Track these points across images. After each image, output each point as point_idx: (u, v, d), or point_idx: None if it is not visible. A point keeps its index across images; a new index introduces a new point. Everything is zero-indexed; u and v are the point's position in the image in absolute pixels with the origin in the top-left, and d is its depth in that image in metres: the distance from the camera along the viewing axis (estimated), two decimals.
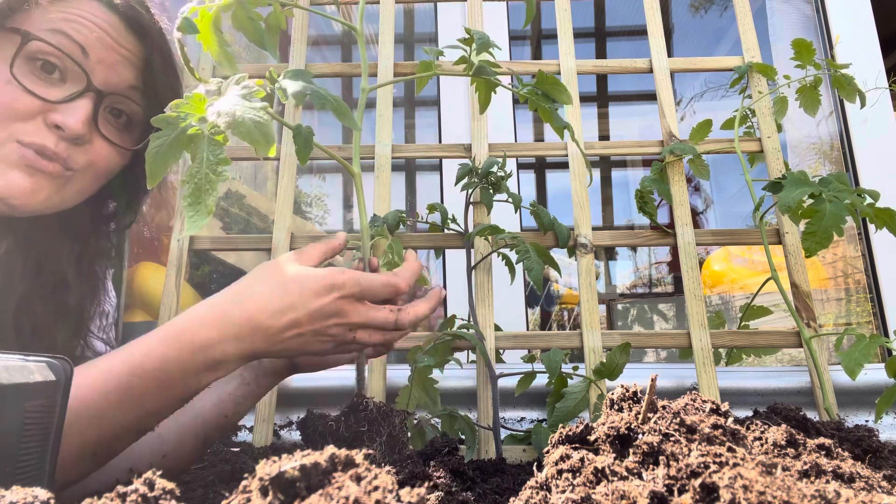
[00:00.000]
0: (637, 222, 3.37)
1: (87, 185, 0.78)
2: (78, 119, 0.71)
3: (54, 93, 0.71)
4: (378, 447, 0.63)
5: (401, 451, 0.65)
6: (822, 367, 0.96)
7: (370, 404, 0.66)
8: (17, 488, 0.35)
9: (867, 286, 1.44)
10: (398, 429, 0.66)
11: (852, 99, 1.08)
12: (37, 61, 0.71)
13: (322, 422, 0.65)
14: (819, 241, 0.84)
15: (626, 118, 3.50)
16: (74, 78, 0.73)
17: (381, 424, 0.65)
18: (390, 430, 0.65)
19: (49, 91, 0.71)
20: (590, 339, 0.99)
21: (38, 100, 0.70)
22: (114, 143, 0.77)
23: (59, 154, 0.72)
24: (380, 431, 0.64)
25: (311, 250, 0.71)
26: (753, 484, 0.33)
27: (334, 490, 0.32)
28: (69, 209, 0.80)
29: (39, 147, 0.70)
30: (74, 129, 0.71)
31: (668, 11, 2.95)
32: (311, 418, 0.66)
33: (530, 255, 0.93)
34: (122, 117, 0.79)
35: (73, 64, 0.71)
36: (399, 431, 0.66)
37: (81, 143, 0.73)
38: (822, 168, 1.80)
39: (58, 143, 0.72)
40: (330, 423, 0.64)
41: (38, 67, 0.71)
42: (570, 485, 0.41)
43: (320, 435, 0.64)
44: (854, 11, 1.56)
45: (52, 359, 0.47)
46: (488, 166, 1.01)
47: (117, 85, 0.76)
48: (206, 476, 0.75)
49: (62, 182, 0.74)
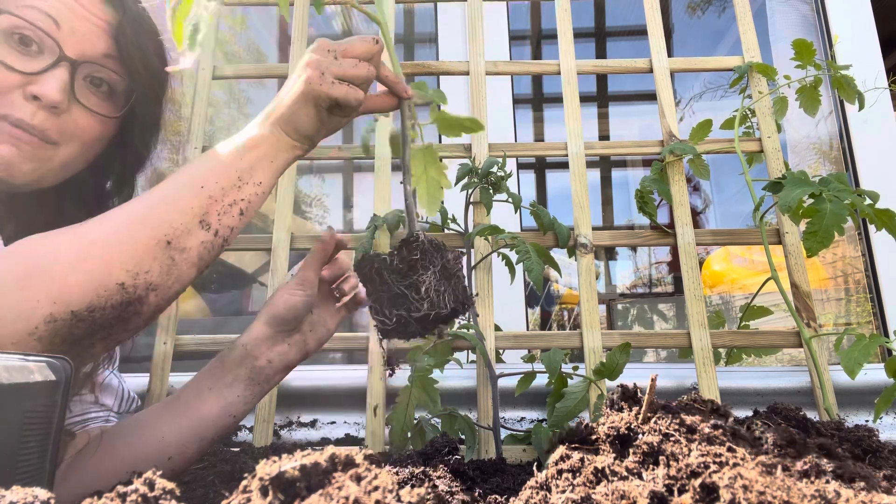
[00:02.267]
0: (637, 222, 3.37)
1: (74, 157, 0.79)
2: (54, 87, 0.73)
3: (32, 65, 0.73)
4: (433, 275, 0.64)
5: (457, 285, 0.66)
6: (822, 367, 0.96)
7: (421, 236, 0.67)
8: (17, 488, 0.35)
9: (867, 286, 1.44)
10: (452, 262, 0.67)
11: (852, 100, 1.08)
12: (13, 35, 0.72)
13: (376, 258, 0.67)
14: (820, 241, 0.84)
15: (626, 118, 3.50)
16: (50, 50, 0.74)
17: (433, 255, 0.66)
18: (444, 262, 0.66)
19: (27, 64, 0.73)
20: (590, 339, 0.99)
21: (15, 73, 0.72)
22: (93, 110, 0.78)
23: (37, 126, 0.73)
24: (433, 261, 0.65)
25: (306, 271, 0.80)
26: (753, 484, 0.33)
27: (334, 490, 0.32)
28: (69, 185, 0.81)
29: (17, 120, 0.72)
30: (51, 98, 0.73)
31: (668, 11, 2.95)
32: (366, 258, 0.68)
33: (530, 255, 0.93)
34: (103, 86, 0.80)
35: (46, 36, 0.73)
36: (452, 265, 0.67)
37: (59, 112, 0.75)
38: (821, 168, 1.80)
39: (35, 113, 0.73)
40: (384, 257, 0.66)
41: (15, 41, 0.73)
42: (570, 485, 0.41)
43: (376, 271, 0.66)
44: (854, 11, 1.56)
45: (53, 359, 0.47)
46: (488, 166, 1.01)
47: (91, 54, 0.77)
48: (206, 476, 0.75)
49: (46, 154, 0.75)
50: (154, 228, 0.62)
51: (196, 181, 0.65)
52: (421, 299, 0.63)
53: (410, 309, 0.63)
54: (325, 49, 0.69)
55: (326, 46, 0.69)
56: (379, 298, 0.66)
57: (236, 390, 0.77)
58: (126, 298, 0.60)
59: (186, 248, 0.63)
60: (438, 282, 0.65)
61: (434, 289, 0.64)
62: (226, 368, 0.77)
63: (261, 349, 0.78)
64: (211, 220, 0.65)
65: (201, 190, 0.65)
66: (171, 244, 0.62)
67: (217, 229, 0.65)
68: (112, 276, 0.59)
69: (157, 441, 0.75)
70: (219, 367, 0.78)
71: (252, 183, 0.68)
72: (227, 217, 0.66)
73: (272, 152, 0.69)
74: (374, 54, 0.71)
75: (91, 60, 0.77)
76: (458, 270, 0.68)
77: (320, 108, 0.69)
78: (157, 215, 0.62)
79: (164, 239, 0.62)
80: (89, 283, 0.57)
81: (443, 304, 0.64)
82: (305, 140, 0.71)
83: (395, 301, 0.64)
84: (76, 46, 0.75)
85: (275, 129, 0.69)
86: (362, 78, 0.69)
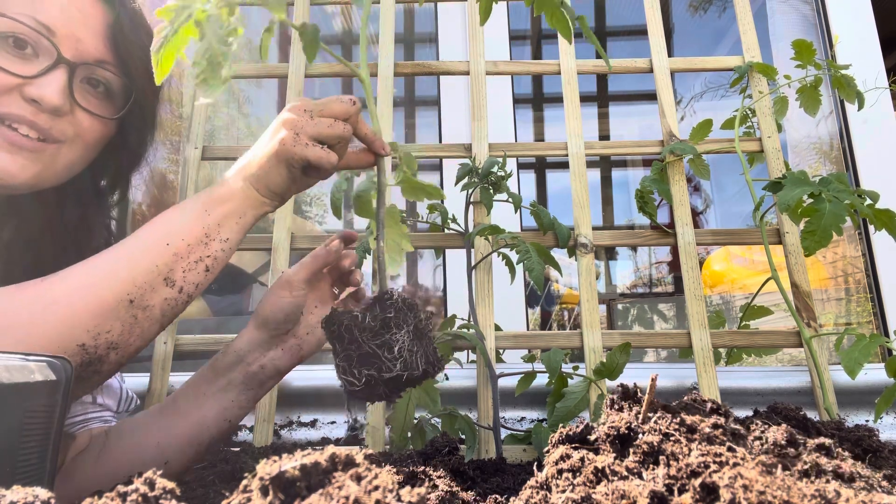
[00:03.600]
0: (637, 222, 3.37)
1: (77, 158, 0.79)
2: (54, 90, 0.72)
3: (29, 68, 0.72)
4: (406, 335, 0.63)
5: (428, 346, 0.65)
6: (823, 367, 0.96)
7: (395, 294, 0.66)
8: (18, 488, 0.35)
9: (867, 286, 1.44)
10: (424, 322, 0.66)
11: (852, 100, 1.08)
12: (8, 38, 0.72)
13: (346, 315, 0.64)
14: (818, 240, 0.84)
15: (626, 118, 3.50)
16: (46, 52, 0.73)
17: (406, 314, 0.64)
18: (416, 321, 0.65)
19: (23, 67, 0.72)
20: (590, 338, 0.99)
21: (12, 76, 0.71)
22: (93, 112, 0.78)
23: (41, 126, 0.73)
24: (407, 320, 0.64)
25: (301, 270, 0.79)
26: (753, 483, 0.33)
27: (334, 489, 0.32)
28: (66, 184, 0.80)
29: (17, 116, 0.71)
30: (51, 101, 0.72)
31: (668, 11, 2.95)
32: (336, 314, 0.65)
33: (531, 254, 0.93)
34: (101, 87, 0.79)
35: (42, 38, 0.73)
36: (424, 325, 0.66)
37: (61, 114, 0.74)
38: (822, 168, 1.80)
39: (36, 115, 0.72)
40: (355, 314, 0.64)
41: (10, 44, 0.72)
42: (571, 484, 0.41)
43: (346, 329, 0.63)
44: (854, 11, 1.56)
45: (53, 358, 0.47)
46: (488, 166, 1.01)
47: (88, 55, 0.76)
48: (206, 476, 0.75)
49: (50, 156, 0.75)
50: (117, 287, 0.61)
51: (161, 237, 0.65)
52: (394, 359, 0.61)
53: (382, 369, 0.61)
54: (302, 109, 0.68)
55: (303, 106, 0.68)
56: (348, 357, 0.63)
57: (231, 395, 0.77)
58: (86, 359, 0.59)
59: (149, 305, 0.63)
60: (412, 342, 0.63)
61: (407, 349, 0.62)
62: (219, 373, 0.77)
63: (253, 354, 0.78)
64: (175, 278, 0.64)
65: (166, 247, 0.64)
66: (133, 303, 0.61)
67: (182, 286, 0.65)
68: (73, 338, 0.58)
69: (154, 446, 0.75)
70: (212, 373, 0.78)
71: (219, 239, 0.67)
72: (193, 274, 0.65)
73: (241, 209, 0.68)
74: (352, 114, 0.70)
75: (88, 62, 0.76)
76: (430, 331, 0.67)
77: (293, 169, 0.68)
78: (120, 273, 0.62)
79: (126, 298, 0.61)
80: (49, 344, 0.57)
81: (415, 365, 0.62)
82: (276, 197, 0.70)
83: (365, 360, 0.62)
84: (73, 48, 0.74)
85: (246, 186, 0.68)
86: (337, 138, 0.69)
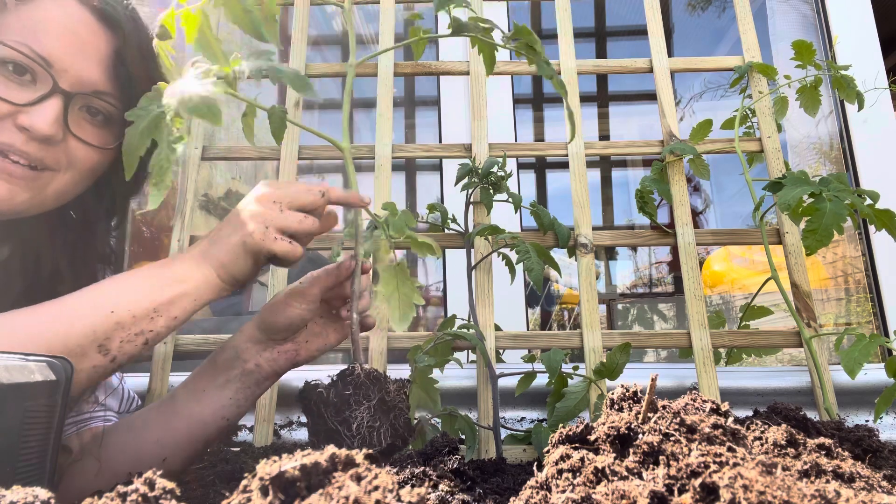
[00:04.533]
0: (637, 222, 3.37)
1: (69, 186, 0.78)
2: (45, 120, 0.71)
3: (25, 95, 0.71)
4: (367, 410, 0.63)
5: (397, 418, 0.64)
6: (823, 367, 0.96)
7: (357, 369, 0.66)
8: (18, 488, 0.35)
9: (867, 286, 1.44)
10: (393, 394, 0.65)
11: (852, 100, 1.08)
12: (7, 64, 0.71)
13: (314, 390, 0.66)
14: (819, 239, 0.84)
15: (626, 118, 3.50)
16: (44, 80, 0.72)
17: (369, 388, 0.64)
18: (382, 395, 0.64)
19: (20, 94, 0.71)
20: (590, 338, 0.99)
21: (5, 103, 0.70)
22: (88, 143, 0.77)
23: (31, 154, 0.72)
24: (368, 395, 0.64)
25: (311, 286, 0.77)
26: (753, 483, 0.33)
27: (334, 490, 0.32)
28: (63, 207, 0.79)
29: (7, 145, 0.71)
30: (41, 131, 0.71)
31: (668, 11, 2.95)
32: (307, 388, 0.67)
33: (530, 255, 0.93)
34: (99, 115, 0.78)
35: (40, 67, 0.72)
36: (394, 397, 0.65)
37: (53, 143, 0.73)
38: (822, 168, 1.80)
39: (26, 143, 0.71)
40: (320, 390, 0.65)
41: (9, 71, 0.71)
42: (571, 484, 0.41)
43: (314, 403, 0.65)
44: (854, 11, 1.56)
45: (53, 358, 0.47)
46: (488, 166, 1.01)
47: (86, 85, 0.75)
48: (206, 476, 0.75)
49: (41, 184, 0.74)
50: (45, 345, 0.59)
51: (107, 303, 0.63)
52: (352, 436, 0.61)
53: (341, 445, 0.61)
54: (271, 200, 0.68)
55: (272, 198, 0.68)
56: (317, 432, 0.64)
57: (228, 392, 0.77)
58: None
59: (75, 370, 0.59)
60: (373, 417, 0.63)
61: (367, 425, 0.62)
62: (218, 370, 0.77)
63: (250, 352, 0.78)
64: (111, 346, 0.62)
65: (110, 314, 0.62)
66: None
67: (115, 356, 0.63)
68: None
69: (153, 443, 0.75)
70: (211, 368, 0.78)
71: (167, 317, 0.65)
72: (130, 346, 0.63)
73: (198, 291, 0.67)
74: (319, 207, 0.71)
75: (85, 92, 0.75)
76: (401, 402, 0.66)
77: (259, 260, 0.68)
78: (58, 329, 0.60)
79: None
80: None
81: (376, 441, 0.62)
82: (236, 284, 0.70)
83: (330, 436, 0.62)
84: (70, 78, 0.73)
85: (206, 269, 0.68)
86: (305, 234, 0.69)
